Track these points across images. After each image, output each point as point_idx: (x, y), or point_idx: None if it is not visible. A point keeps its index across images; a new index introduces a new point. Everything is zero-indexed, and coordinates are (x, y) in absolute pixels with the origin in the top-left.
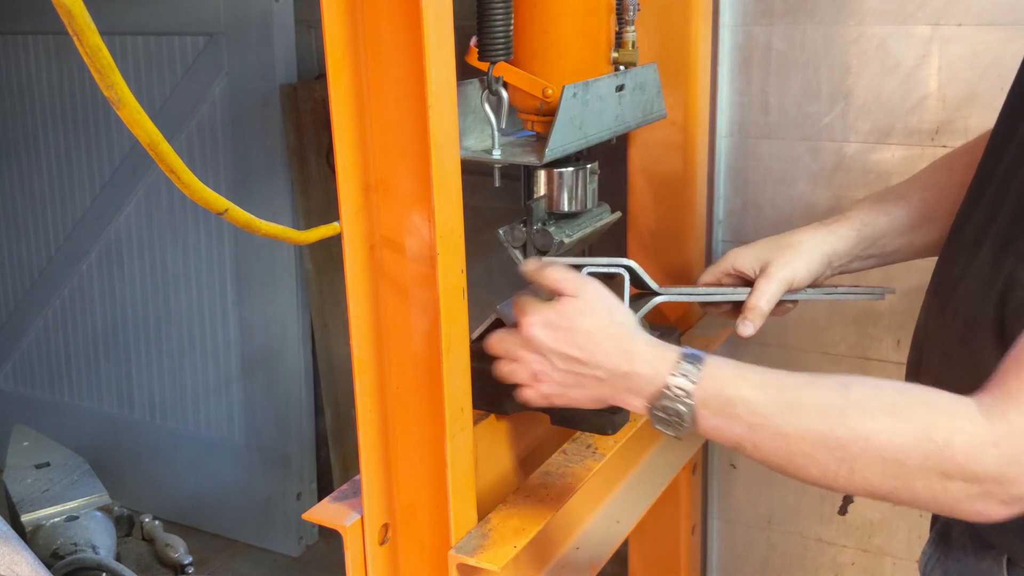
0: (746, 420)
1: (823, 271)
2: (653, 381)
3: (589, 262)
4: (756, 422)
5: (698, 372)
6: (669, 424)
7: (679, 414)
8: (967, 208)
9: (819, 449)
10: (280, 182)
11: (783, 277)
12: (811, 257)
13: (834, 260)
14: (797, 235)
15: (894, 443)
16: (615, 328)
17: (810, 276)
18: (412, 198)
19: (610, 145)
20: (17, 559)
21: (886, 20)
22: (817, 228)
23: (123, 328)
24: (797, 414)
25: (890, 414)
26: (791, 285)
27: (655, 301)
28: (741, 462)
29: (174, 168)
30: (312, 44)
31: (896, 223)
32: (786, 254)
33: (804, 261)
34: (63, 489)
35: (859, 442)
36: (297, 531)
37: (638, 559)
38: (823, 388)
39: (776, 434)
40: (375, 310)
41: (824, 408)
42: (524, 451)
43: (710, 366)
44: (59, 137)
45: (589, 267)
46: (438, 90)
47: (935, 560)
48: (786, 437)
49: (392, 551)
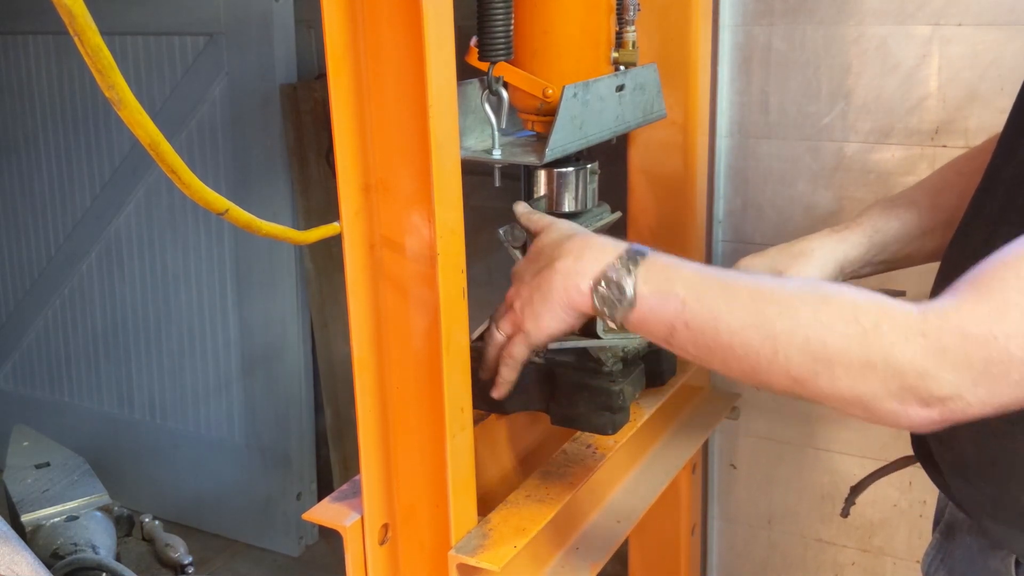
0: (682, 296)
1: (835, 277)
2: (601, 258)
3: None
4: (691, 298)
5: (643, 253)
6: (609, 302)
7: (621, 287)
8: (973, 211)
9: (746, 327)
10: (280, 182)
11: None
12: (823, 265)
13: (846, 267)
14: (808, 242)
15: (819, 321)
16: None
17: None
18: (412, 198)
19: (610, 145)
20: (17, 559)
21: (886, 20)
22: (828, 235)
23: (123, 328)
24: (732, 293)
25: (821, 297)
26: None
27: None
28: (741, 461)
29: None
30: (312, 44)
31: (907, 228)
32: (799, 262)
33: (817, 269)
34: (63, 489)
35: (785, 319)
36: (297, 531)
37: (638, 559)
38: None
39: (709, 310)
40: (375, 310)
41: (758, 290)
42: (524, 451)
43: (655, 252)
44: (59, 137)
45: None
46: (438, 90)
47: (939, 560)
48: (717, 314)
49: (392, 551)
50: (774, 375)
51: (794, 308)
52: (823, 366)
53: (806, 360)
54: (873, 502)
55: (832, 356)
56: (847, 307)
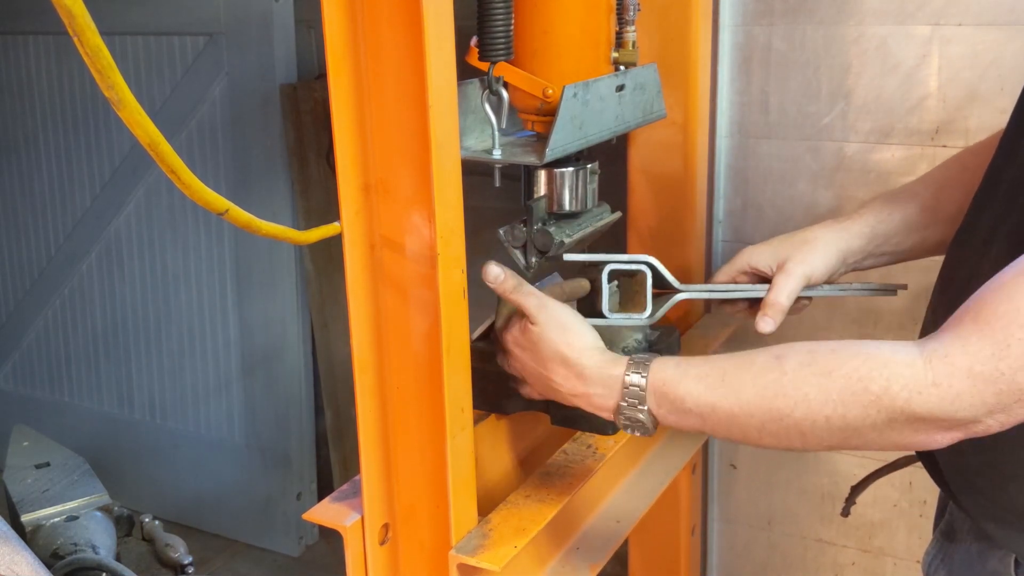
0: (697, 412)
1: (838, 268)
2: (609, 397)
3: (610, 259)
4: (706, 412)
5: (644, 380)
6: (635, 429)
7: (640, 422)
8: (976, 207)
9: (767, 423)
10: (280, 182)
11: (801, 273)
12: (827, 254)
13: (848, 257)
14: (812, 232)
15: (832, 400)
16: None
17: (827, 273)
18: (412, 198)
19: (610, 145)
20: (17, 559)
21: (886, 20)
22: (831, 225)
23: (123, 328)
24: (739, 396)
25: (823, 375)
26: (808, 281)
27: (677, 298)
28: (741, 462)
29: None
30: (312, 44)
31: (909, 221)
32: (803, 250)
33: (821, 257)
34: (63, 489)
35: (799, 408)
36: (297, 531)
37: (638, 559)
38: (759, 365)
39: (726, 418)
40: (375, 310)
41: (763, 385)
42: (524, 451)
43: (654, 371)
44: (59, 137)
45: (610, 264)
46: (438, 90)
47: (939, 560)
48: (735, 418)
49: (392, 551)
50: (810, 448)
51: (804, 395)
52: (851, 434)
53: (835, 434)
54: (873, 502)
55: (856, 426)
56: (853, 378)
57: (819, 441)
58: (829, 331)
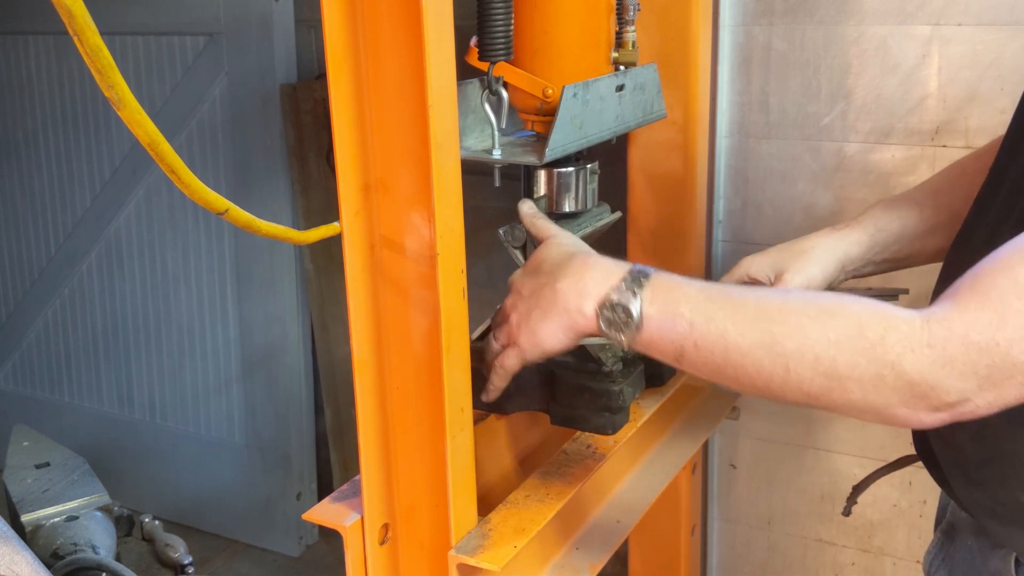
0: (689, 317)
1: (837, 276)
2: (605, 281)
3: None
4: (698, 320)
5: (647, 275)
6: (616, 325)
7: (627, 310)
8: (977, 211)
9: (756, 347)
10: (280, 182)
11: (799, 283)
12: (826, 263)
13: (847, 265)
14: (810, 240)
15: (828, 338)
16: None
17: (825, 282)
18: (412, 198)
19: (610, 145)
20: (17, 559)
21: (886, 20)
22: (830, 233)
23: (123, 328)
24: (738, 313)
25: (826, 313)
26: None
27: None
28: (741, 462)
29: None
30: (312, 44)
31: (909, 228)
32: (800, 260)
33: (819, 267)
34: (63, 489)
35: (794, 338)
36: (297, 531)
37: (638, 559)
38: (764, 292)
39: (717, 331)
40: (375, 310)
41: (764, 308)
42: (524, 451)
43: (659, 272)
44: (59, 137)
45: None
46: (438, 90)
47: (940, 560)
48: (726, 334)
49: (392, 551)
50: (787, 391)
51: (801, 326)
52: (835, 382)
53: (818, 377)
54: (873, 502)
55: (842, 372)
56: (852, 321)
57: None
58: None
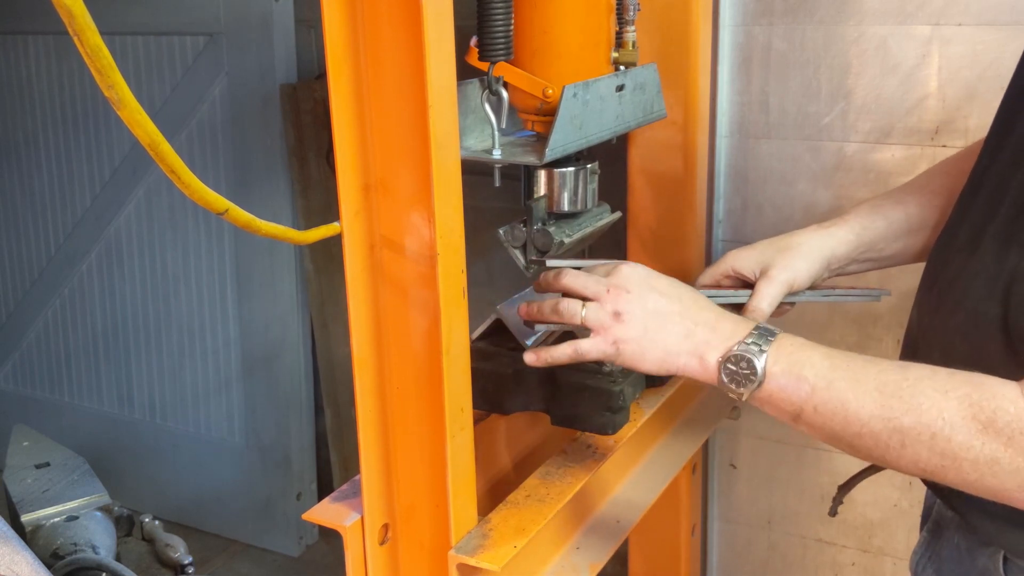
0: (812, 382)
1: (822, 273)
2: (733, 335)
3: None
4: (821, 385)
5: (774, 333)
6: (738, 379)
7: (752, 365)
8: (960, 209)
9: (875, 419)
10: (280, 182)
11: (784, 280)
12: (811, 259)
13: (832, 263)
14: (796, 237)
15: (943, 418)
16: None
17: (810, 278)
18: (412, 198)
19: (610, 145)
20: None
21: (886, 20)
22: (816, 230)
23: (123, 328)
24: (859, 383)
25: (940, 391)
26: (791, 287)
27: None
28: (741, 462)
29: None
30: (312, 44)
31: (894, 227)
32: (786, 256)
33: (804, 263)
34: (63, 489)
35: (911, 415)
36: (297, 531)
37: (638, 559)
38: (884, 364)
39: (837, 399)
40: (375, 310)
41: (884, 382)
42: (524, 451)
43: (784, 334)
44: (59, 137)
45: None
46: (438, 90)
47: (927, 559)
48: (846, 403)
49: (392, 551)
50: (902, 464)
51: (918, 404)
52: (949, 461)
53: (934, 456)
54: (873, 502)
55: (958, 452)
56: (965, 402)
57: (915, 458)
58: (830, 331)
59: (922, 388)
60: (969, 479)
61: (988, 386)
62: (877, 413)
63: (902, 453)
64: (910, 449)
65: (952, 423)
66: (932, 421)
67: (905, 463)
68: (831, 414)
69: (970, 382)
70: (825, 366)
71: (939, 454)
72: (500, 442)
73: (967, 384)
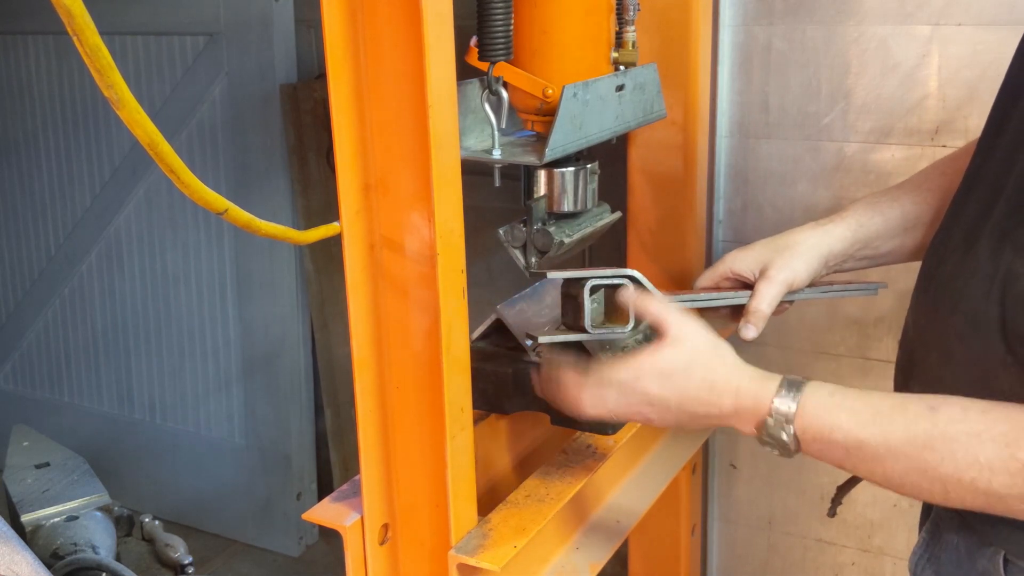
0: (843, 445)
1: (819, 271)
2: (757, 413)
3: (593, 274)
4: (852, 447)
5: (795, 402)
6: (776, 448)
7: (783, 443)
8: (956, 206)
9: (911, 471)
10: (280, 182)
11: (783, 279)
12: (809, 258)
13: (830, 260)
14: (794, 236)
15: (979, 463)
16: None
17: (809, 277)
18: (412, 198)
19: (610, 145)
20: (17, 559)
21: (886, 20)
22: (813, 228)
23: (123, 328)
24: (888, 438)
25: (973, 435)
26: (791, 287)
27: None
28: (741, 462)
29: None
30: (312, 44)
31: (890, 225)
32: (784, 256)
33: (803, 262)
34: (63, 489)
35: (946, 464)
36: (297, 531)
37: (638, 559)
38: (912, 412)
39: (872, 457)
40: (375, 310)
41: (914, 433)
42: (524, 451)
43: (808, 394)
44: (59, 137)
45: (593, 279)
46: (438, 90)
47: (926, 560)
48: (881, 461)
49: (392, 551)
50: (954, 504)
51: (952, 452)
52: (995, 500)
53: (978, 497)
54: (873, 502)
55: (1001, 492)
56: (1001, 443)
57: (961, 500)
58: (830, 332)
59: (953, 435)
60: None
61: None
62: (913, 467)
63: (947, 498)
64: (954, 494)
65: (990, 466)
66: (969, 466)
67: (953, 503)
68: (870, 471)
69: (1007, 419)
70: (852, 426)
71: (983, 495)
72: (500, 442)
73: (1003, 422)
